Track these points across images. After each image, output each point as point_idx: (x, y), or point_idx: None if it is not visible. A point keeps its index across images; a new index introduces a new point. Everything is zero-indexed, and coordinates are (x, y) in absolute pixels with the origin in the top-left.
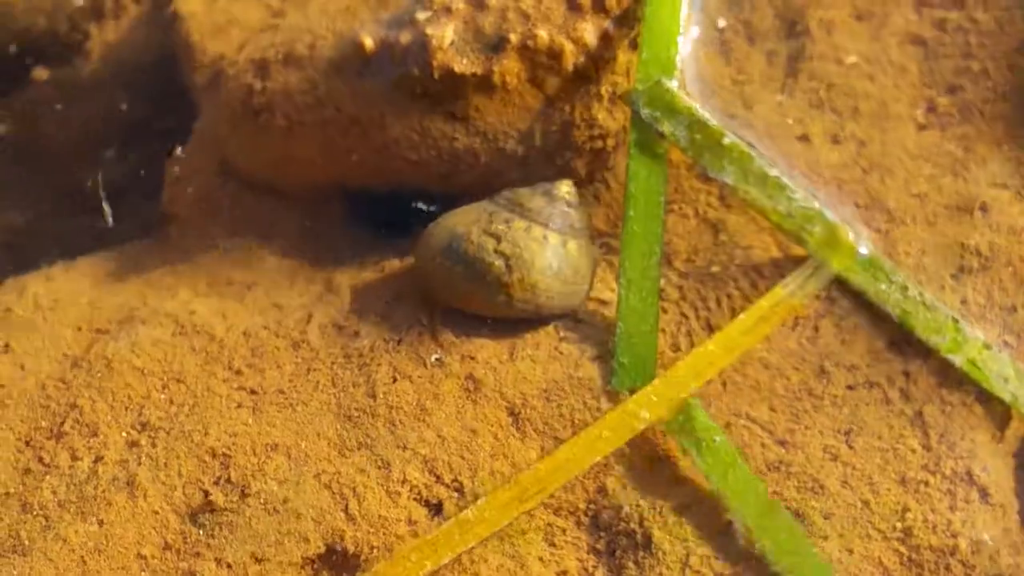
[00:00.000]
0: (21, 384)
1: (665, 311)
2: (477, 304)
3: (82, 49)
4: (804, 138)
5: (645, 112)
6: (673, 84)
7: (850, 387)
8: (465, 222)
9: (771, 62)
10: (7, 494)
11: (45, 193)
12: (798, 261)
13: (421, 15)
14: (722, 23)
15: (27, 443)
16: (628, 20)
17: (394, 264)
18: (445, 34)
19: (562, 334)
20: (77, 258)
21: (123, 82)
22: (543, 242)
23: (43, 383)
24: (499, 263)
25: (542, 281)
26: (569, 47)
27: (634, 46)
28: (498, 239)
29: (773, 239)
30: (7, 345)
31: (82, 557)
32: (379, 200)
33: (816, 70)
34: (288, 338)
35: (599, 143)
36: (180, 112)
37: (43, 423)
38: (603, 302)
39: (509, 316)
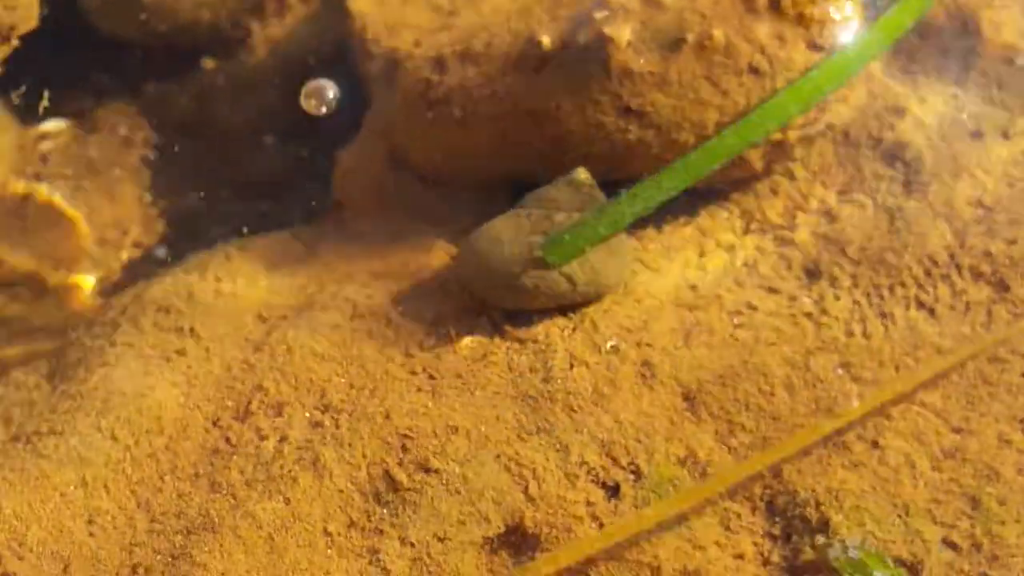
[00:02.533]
0: (207, 366)
1: (838, 298)
2: (543, 300)
3: (246, 43)
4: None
5: None
6: None
7: None
8: (508, 230)
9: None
10: (197, 474)
11: (217, 175)
12: None
13: (599, 14)
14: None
15: (215, 423)
16: (804, 21)
17: None
18: (623, 33)
19: (736, 321)
20: (253, 238)
21: (285, 76)
22: None
23: (229, 365)
24: None
25: (598, 260)
26: (745, 47)
27: (811, 46)
28: (548, 235)
29: (948, 226)
30: (192, 329)
31: (270, 534)
32: None
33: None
34: (463, 323)
35: (777, 135)
36: (344, 105)
37: (229, 404)
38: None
39: (576, 301)
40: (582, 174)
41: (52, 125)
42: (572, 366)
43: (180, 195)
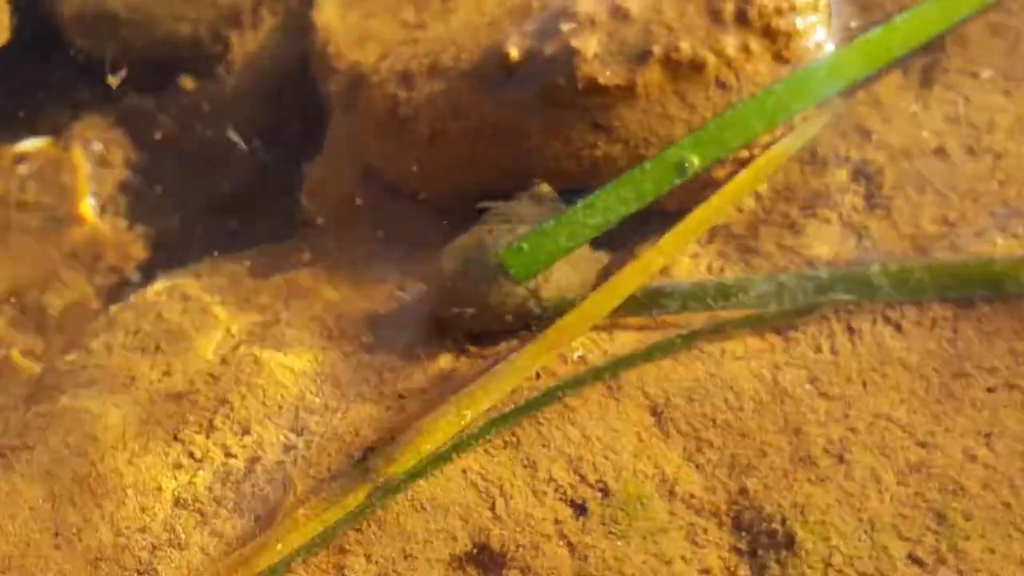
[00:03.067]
0: (169, 382)
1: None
2: (508, 319)
3: (224, 58)
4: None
5: None
6: None
7: (990, 390)
8: (471, 248)
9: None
10: (159, 488)
11: (194, 195)
12: None
13: (565, 26)
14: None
15: (175, 437)
16: (770, 33)
17: None
18: (589, 46)
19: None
20: (222, 257)
21: (260, 90)
22: None
23: (192, 380)
24: None
25: (564, 277)
26: (712, 59)
27: (777, 58)
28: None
29: (912, 244)
30: (157, 347)
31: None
32: None
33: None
34: (431, 344)
35: (744, 153)
36: (308, 120)
37: (191, 419)
38: None
39: (541, 318)
40: (544, 187)
41: (30, 144)
42: (538, 376)
43: (156, 215)
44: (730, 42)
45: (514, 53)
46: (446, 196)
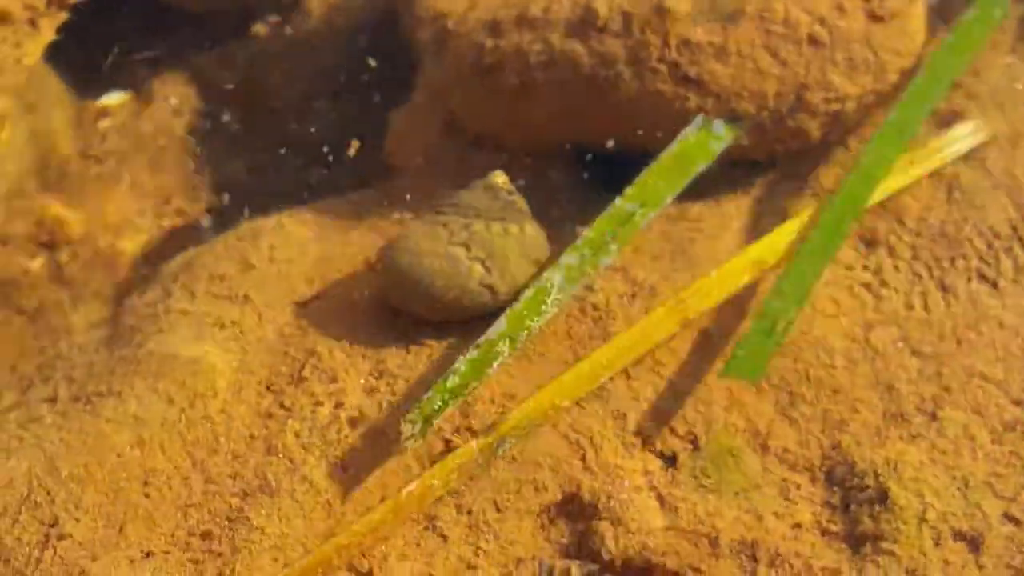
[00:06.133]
0: (260, 332)
1: (897, 269)
2: (465, 306)
3: (299, 5)
4: None
5: None
6: None
7: None
8: (426, 241)
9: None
10: (251, 437)
11: (266, 144)
12: None
13: None
14: None
15: (268, 388)
16: None
17: None
18: (682, 6)
19: None
20: (305, 206)
21: (338, 38)
22: (506, 235)
23: (282, 331)
24: (478, 267)
25: (519, 269)
26: (804, 18)
27: (871, 17)
28: (467, 246)
29: (1009, 199)
30: (246, 295)
31: (328, 500)
32: (602, 158)
33: None
34: None
35: (836, 106)
36: (394, 69)
37: (283, 369)
38: None
39: (496, 311)
40: (499, 178)
41: (111, 98)
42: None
43: (227, 165)
44: (823, 1)
45: (603, 11)
46: (531, 148)
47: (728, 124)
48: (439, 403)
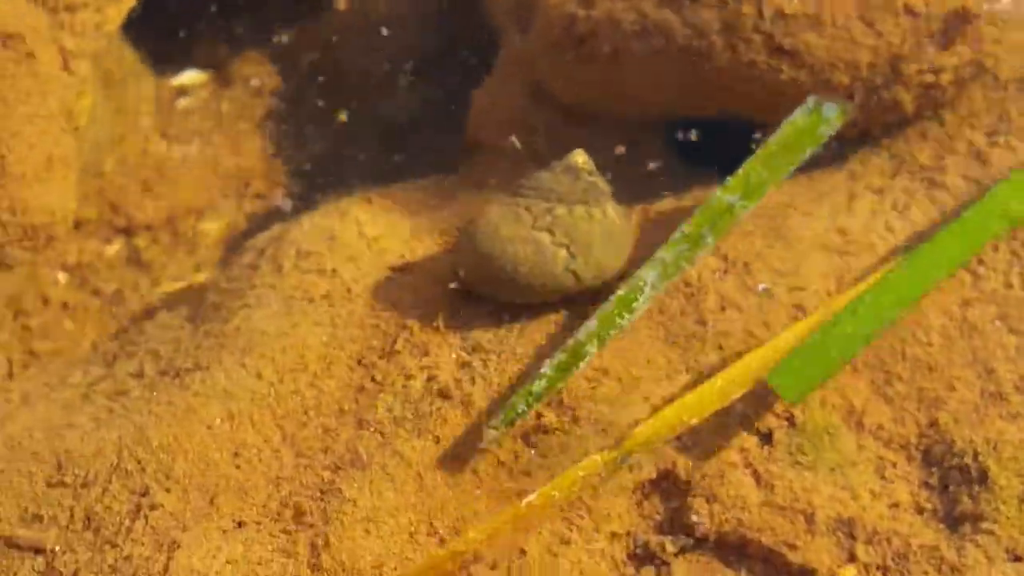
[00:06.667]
0: (350, 307)
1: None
2: (549, 292)
3: None
4: None
5: None
6: None
7: None
8: (508, 225)
9: None
10: (342, 411)
11: (346, 124)
12: None
13: None
14: None
15: (359, 362)
16: None
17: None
18: None
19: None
20: (392, 185)
21: (420, 15)
22: (589, 219)
23: (372, 305)
24: (563, 253)
25: (602, 254)
26: None
27: None
28: (551, 231)
29: None
30: (334, 270)
31: (419, 472)
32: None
33: None
34: None
35: (930, 77)
36: (475, 49)
37: (374, 343)
38: None
39: (581, 293)
40: (580, 157)
41: (190, 77)
42: (723, 308)
43: (307, 146)
44: None
45: None
46: (624, 118)
47: (839, 105)
48: (523, 407)
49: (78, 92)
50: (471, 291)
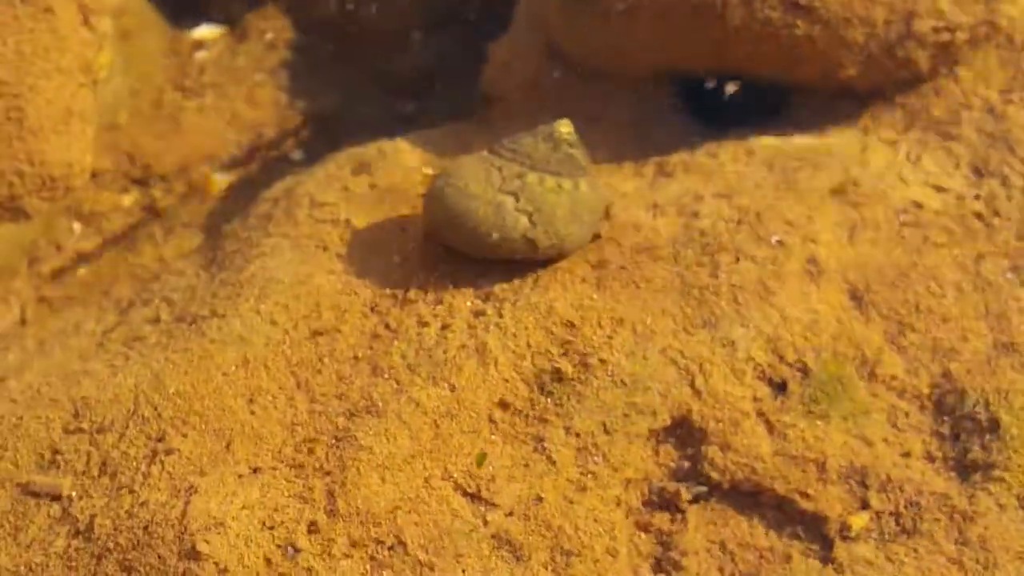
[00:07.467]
0: (363, 254)
1: (1010, 198)
2: (504, 252)
3: None
4: None
5: None
6: None
7: None
8: (476, 181)
9: None
10: (356, 358)
11: (360, 76)
12: None
13: None
14: None
15: (372, 309)
16: None
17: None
18: None
19: (902, 219)
20: (406, 136)
21: None
22: (558, 191)
23: (386, 253)
24: (524, 220)
25: (564, 228)
26: None
27: None
28: (516, 196)
29: None
30: (348, 220)
31: (434, 420)
32: (707, 87)
33: None
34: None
35: (945, 35)
36: (493, 4)
37: (387, 291)
38: None
39: (536, 259)
40: (564, 127)
41: (206, 31)
42: (738, 260)
43: (320, 98)
44: None
45: None
46: (636, 76)
47: None
48: None
49: (97, 47)
50: (437, 240)
